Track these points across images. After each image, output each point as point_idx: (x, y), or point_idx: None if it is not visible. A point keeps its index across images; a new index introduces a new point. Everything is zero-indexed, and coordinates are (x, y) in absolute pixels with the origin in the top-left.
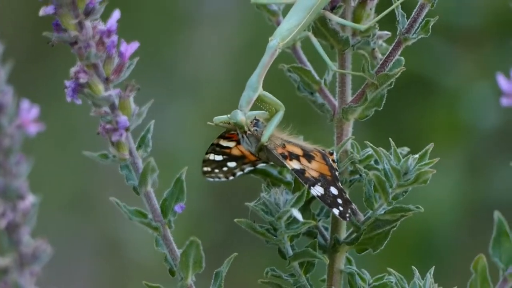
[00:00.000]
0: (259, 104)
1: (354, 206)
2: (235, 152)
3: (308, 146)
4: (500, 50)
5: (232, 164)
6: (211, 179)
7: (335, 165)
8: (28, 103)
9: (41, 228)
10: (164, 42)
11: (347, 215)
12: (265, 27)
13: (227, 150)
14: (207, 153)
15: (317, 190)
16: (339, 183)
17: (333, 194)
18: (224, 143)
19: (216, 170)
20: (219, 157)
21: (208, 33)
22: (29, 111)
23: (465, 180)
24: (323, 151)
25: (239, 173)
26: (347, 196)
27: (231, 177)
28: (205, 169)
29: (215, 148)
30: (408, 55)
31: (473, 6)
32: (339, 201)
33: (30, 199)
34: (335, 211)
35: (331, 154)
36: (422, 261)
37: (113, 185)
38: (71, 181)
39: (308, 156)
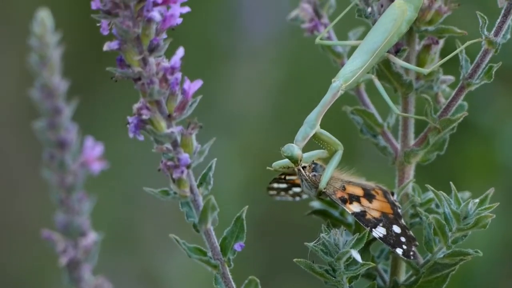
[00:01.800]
0: (316, 142)
1: (417, 243)
2: (299, 181)
3: (369, 184)
4: None
5: (297, 189)
6: (278, 198)
7: (397, 203)
8: (92, 141)
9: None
10: (204, 78)
11: (411, 253)
12: (303, 65)
13: (290, 181)
14: (270, 183)
15: (379, 231)
16: (402, 220)
17: (395, 233)
18: (287, 177)
19: (282, 193)
20: (283, 185)
21: (247, 69)
22: (93, 149)
23: (503, 219)
24: (385, 189)
25: (305, 195)
26: (411, 233)
27: (298, 198)
28: (271, 192)
29: (278, 179)
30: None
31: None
32: (402, 239)
33: (92, 236)
34: (399, 251)
35: (392, 194)
36: None
37: (153, 221)
38: (114, 217)
39: (369, 196)
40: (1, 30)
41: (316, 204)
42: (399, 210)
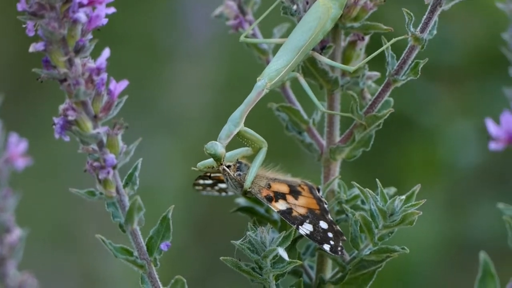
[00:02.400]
0: (240, 139)
1: (345, 238)
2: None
3: (295, 180)
4: (480, 88)
5: (223, 185)
6: (204, 193)
7: (323, 198)
8: (16, 137)
9: (23, 263)
10: (144, 78)
11: (339, 248)
12: (244, 64)
13: (216, 177)
14: (196, 179)
15: (306, 228)
16: (329, 215)
17: (323, 229)
18: (212, 174)
19: (208, 188)
20: (209, 181)
21: (188, 70)
22: (17, 145)
23: (445, 218)
24: (310, 184)
25: (231, 192)
26: (338, 227)
27: (224, 194)
28: (197, 187)
29: (204, 176)
30: (391, 93)
31: (454, 44)
32: (330, 235)
33: (17, 232)
34: (326, 247)
35: (318, 189)
36: None
37: (96, 220)
38: (54, 216)
39: (295, 193)
40: None
41: (241, 201)
42: (325, 206)
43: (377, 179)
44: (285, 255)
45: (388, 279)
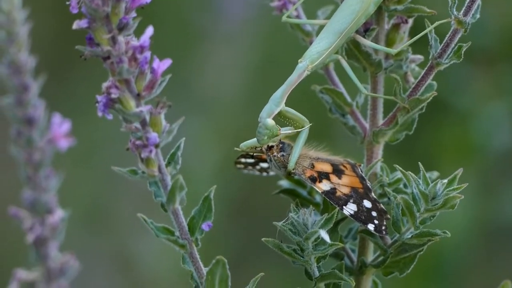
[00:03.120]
0: (282, 119)
1: (388, 216)
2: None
3: (337, 159)
4: None
5: (264, 164)
6: (245, 171)
7: (365, 176)
8: (59, 118)
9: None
10: (179, 58)
11: (383, 227)
12: (279, 46)
13: (258, 156)
14: (238, 158)
15: (350, 208)
16: (372, 193)
17: (366, 208)
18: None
19: (250, 167)
20: (251, 160)
21: (222, 51)
22: (61, 126)
23: (478, 201)
24: (353, 162)
25: (272, 172)
26: (382, 206)
27: (265, 174)
28: (238, 166)
29: (246, 155)
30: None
31: (488, 26)
32: (374, 214)
33: (59, 213)
34: (370, 227)
35: (360, 166)
36: (437, 282)
37: (132, 202)
38: (90, 197)
39: (338, 172)
40: None
41: (284, 183)
42: (368, 184)
43: (419, 163)
44: (327, 237)
45: (422, 262)
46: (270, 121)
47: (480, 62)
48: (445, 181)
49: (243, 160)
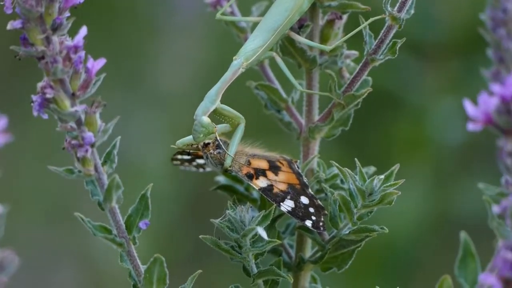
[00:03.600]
0: (218, 117)
1: (326, 212)
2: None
3: (274, 155)
4: (466, 65)
5: (201, 160)
6: (182, 168)
7: (302, 173)
8: None
9: (22, 243)
10: (131, 52)
11: (321, 223)
12: (231, 40)
13: (194, 153)
14: (174, 155)
15: (287, 205)
16: (309, 189)
17: (304, 204)
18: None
19: (186, 164)
20: (187, 157)
21: (175, 45)
22: None
23: (430, 195)
24: (289, 158)
25: (208, 168)
26: (319, 202)
27: (201, 170)
28: (175, 162)
29: (182, 152)
30: (374, 70)
31: (439, 21)
32: (311, 210)
33: None
34: (308, 223)
35: (297, 164)
36: (386, 277)
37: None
38: (51, 192)
39: (275, 168)
40: None
41: (221, 179)
42: (305, 180)
43: (355, 159)
44: (264, 234)
45: (373, 255)
46: (206, 119)
47: (432, 57)
48: (382, 177)
49: (179, 156)
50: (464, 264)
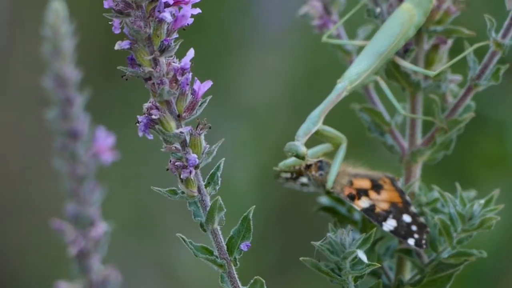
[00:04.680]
0: (319, 138)
1: (429, 229)
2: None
3: (376, 174)
4: None
5: (305, 179)
6: (287, 185)
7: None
8: (104, 131)
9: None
10: (219, 67)
11: (423, 242)
12: (320, 55)
13: (299, 173)
14: (278, 172)
15: (390, 224)
16: (412, 207)
17: (406, 223)
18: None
19: (291, 182)
20: (290, 175)
21: (263, 60)
22: (105, 139)
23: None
24: (392, 176)
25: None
26: (422, 219)
27: (306, 189)
28: (279, 180)
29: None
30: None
31: None
32: (413, 228)
33: (102, 226)
34: (410, 242)
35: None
36: None
37: (174, 208)
38: (132, 205)
39: (377, 187)
40: (16, 19)
41: (324, 200)
42: (407, 198)
43: (457, 183)
44: (364, 257)
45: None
46: (301, 150)
47: None
48: (482, 201)
49: (283, 175)
50: None
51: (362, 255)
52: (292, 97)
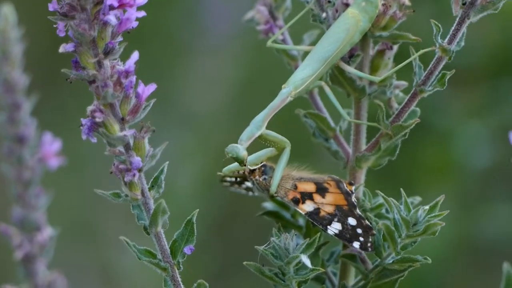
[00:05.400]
0: (263, 142)
1: (374, 232)
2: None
3: (321, 177)
4: (492, 90)
5: (250, 184)
6: (232, 189)
7: (350, 192)
8: (50, 136)
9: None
10: (164, 72)
11: (369, 244)
12: (263, 61)
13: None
14: (223, 176)
15: (334, 228)
16: (357, 210)
17: (351, 226)
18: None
19: (236, 185)
20: (235, 179)
21: (206, 65)
22: (51, 144)
23: (456, 220)
24: (337, 178)
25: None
26: (367, 222)
27: (251, 193)
28: (224, 184)
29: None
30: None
31: (469, 46)
32: (359, 231)
33: (48, 231)
34: (356, 245)
35: (351, 184)
36: None
37: (117, 215)
38: (73, 210)
39: (322, 190)
40: None
41: (268, 205)
42: (353, 200)
43: (401, 189)
44: (308, 262)
45: (402, 280)
46: (242, 153)
47: (460, 82)
48: (427, 207)
49: (228, 178)
50: None
51: (306, 260)
52: (235, 103)
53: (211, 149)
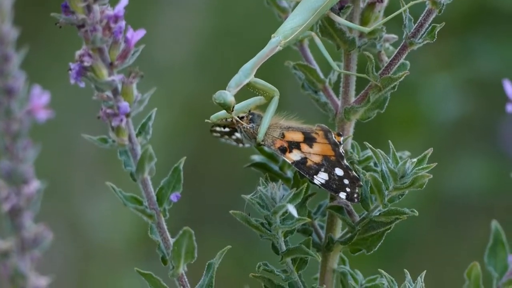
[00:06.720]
0: (252, 90)
1: (361, 183)
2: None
3: (309, 126)
4: (461, 43)
5: (239, 135)
6: (223, 140)
7: (338, 142)
8: (39, 89)
9: None
10: (133, 24)
11: (355, 195)
12: (233, 14)
13: (232, 126)
14: (213, 126)
15: (321, 178)
16: (344, 160)
17: (338, 176)
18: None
19: (226, 136)
20: (226, 129)
21: (173, 16)
22: (40, 97)
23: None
24: (326, 128)
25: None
26: (354, 173)
27: (241, 145)
28: (214, 134)
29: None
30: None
31: None
32: (346, 181)
33: (35, 184)
34: (342, 195)
35: (339, 135)
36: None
37: (83, 168)
38: (42, 163)
39: (310, 140)
40: None
41: (256, 158)
42: (341, 151)
43: (390, 141)
44: (294, 211)
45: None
46: (229, 99)
47: None
48: (415, 160)
49: (218, 129)
50: (494, 252)
51: (292, 209)
52: (202, 54)
53: (179, 101)
